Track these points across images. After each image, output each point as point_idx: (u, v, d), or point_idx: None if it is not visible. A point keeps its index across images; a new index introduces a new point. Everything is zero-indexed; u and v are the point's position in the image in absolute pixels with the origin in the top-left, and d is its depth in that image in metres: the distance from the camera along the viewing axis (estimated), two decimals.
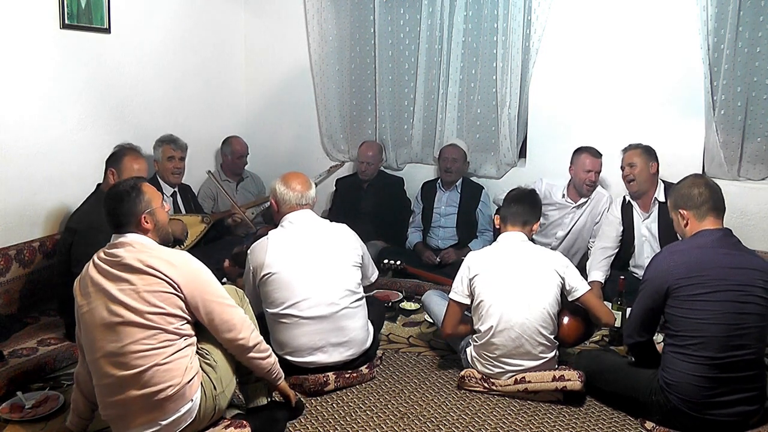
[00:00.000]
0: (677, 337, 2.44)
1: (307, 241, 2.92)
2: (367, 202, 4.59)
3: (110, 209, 2.28)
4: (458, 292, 2.91)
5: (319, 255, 2.89)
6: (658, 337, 3.29)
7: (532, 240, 2.99)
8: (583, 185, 4.06)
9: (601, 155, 4.02)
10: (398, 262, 3.80)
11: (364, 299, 3.02)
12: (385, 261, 4.13)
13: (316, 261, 2.88)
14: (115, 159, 3.27)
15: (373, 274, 3.19)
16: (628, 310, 3.25)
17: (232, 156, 4.72)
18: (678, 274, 2.42)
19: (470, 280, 2.87)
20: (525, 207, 2.95)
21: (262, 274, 2.86)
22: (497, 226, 3.05)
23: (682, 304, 2.41)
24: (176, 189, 4.16)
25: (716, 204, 2.51)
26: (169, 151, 4.05)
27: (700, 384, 2.39)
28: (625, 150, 3.75)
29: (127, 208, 2.26)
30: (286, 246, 2.89)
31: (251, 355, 2.35)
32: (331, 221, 3.07)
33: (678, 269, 2.43)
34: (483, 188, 4.49)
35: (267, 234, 2.99)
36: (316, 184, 4.59)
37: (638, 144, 3.72)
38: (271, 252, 2.87)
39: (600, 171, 4.04)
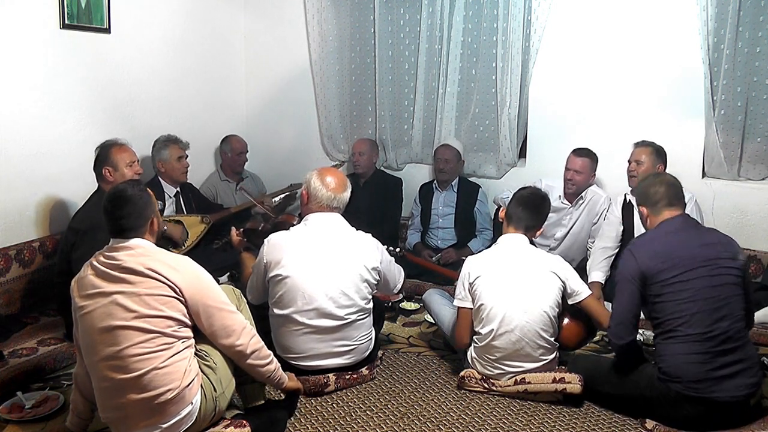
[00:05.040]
0: (664, 323, 2.53)
1: (325, 250, 2.84)
2: (362, 199, 4.58)
3: (120, 213, 2.22)
4: (462, 297, 2.90)
5: (334, 266, 2.83)
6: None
7: (533, 243, 2.98)
8: (565, 183, 4.05)
9: (586, 155, 3.96)
10: (397, 249, 3.79)
11: (371, 311, 2.98)
12: (384, 247, 4.10)
13: (330, 272, 2.82)
14: (103, 157, 3.25)
15: (396, 286, 3.12)
16: None
17: (232, 153, 4.72)
18: (651, 263, 2.53)
19: (471, 284, 2.86)
20: (532, 213, 2.91)
21: (274, 272, 2.81)
22: (501, 220, 3.01)
23: (661, 290, 2.51)
24: (178, 189, 4.16)
25: (671, 200, 2.65)
26: (178, 151, 4.04)
27: (695, 361, 2.45)
28: (636, 144, 3.72)
29: (139, 211, 2.23)
30: (303, 250, 2.83)
31: (250, 361, 2.34)
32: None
33: (649, 259, 2.53)
34: (479, 187, 4.50)
35: (287, 222, 2.91)
36: (274, 203, 4.58)
37: (651, 143, 3.68)
38: (288, 253, 2.82)
39: (582, 171, 3.95)
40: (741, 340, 2.50)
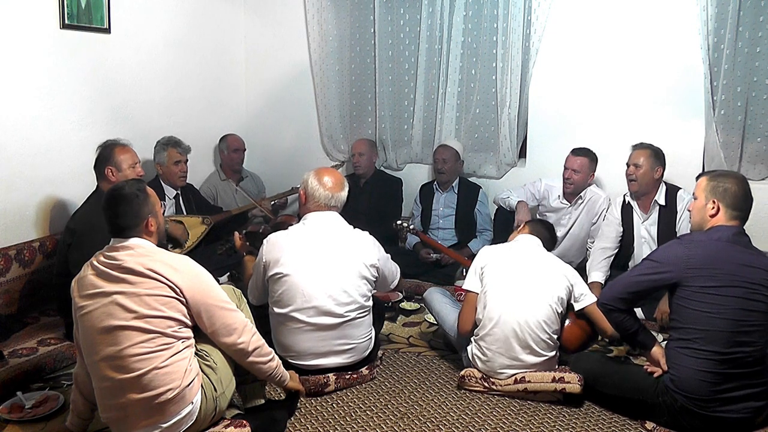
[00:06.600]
0: (683, 330, 2.46)
1: (323, 248, 2.86)
2: (362, 200, 4.58)
3: (115, 212, 2.22)
4: (471, 282, 2.97)
5: (333, 264, 2.84)
6: (659, 337, 3.30)
7: None
8: (564, 183, 4.06)
9: (584, 154, 3.98)
10: (411, 226, 3.70)
11: (371, 310, 2.99)
12: (398, 222, 4.12)
13: (329, 269, 2.83)
14: (106, 157, 3.23)
15: (394, 282, 3.14)
16: None
17: (228, 150, 4.73)
18: (693, 265, 2.43)
19: (482, 268, 2.94)
20: (552, 237, 3.13)
21: (274, 271, 2.83)
22: (521, 219, 3.05)
23: (693, 295, 2.43)
24: (179, 191, 4.15)
25: (742, 213, 2.56)
26: (175, 155, 4.01)
27: (706, 379, 2.40)
28: (634, 147, 3.70)
29: (135, 210, 2.23)
30: (302, 248, 2.85)
31: (252, 359, 2.34)
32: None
33: (694, 260, 2.44)
34: (480, 188, 4.50)
35: (286, 222, 2.91)
36: (274, 202, 4.62)
37: (649, 145, 3.66)
38: (287, 251, 2.84)
39: (580, 171, 3.96)
40: (757, 366, 2.43)
